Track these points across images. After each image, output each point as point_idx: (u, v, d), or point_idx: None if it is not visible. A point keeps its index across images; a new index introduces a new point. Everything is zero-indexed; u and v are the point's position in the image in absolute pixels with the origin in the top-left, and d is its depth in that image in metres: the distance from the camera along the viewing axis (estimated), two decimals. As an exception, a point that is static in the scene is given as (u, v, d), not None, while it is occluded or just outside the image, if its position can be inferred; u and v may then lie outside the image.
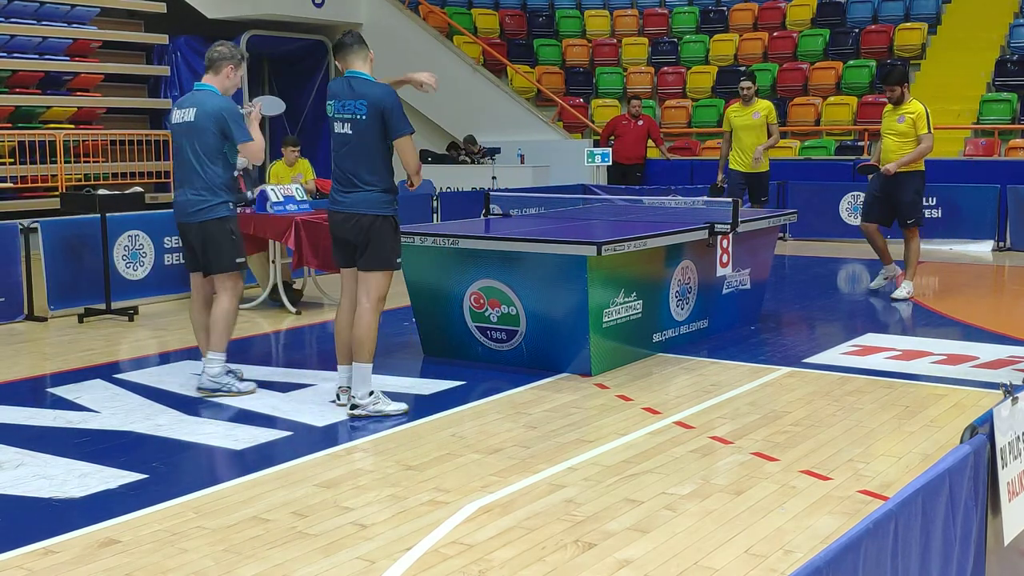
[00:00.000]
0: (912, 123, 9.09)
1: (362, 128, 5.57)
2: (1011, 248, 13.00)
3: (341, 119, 5.61)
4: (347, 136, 5.60)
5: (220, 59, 6.16)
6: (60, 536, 4.04)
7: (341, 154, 5.64)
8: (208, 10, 16.67)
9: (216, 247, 6.08)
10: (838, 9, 18.30)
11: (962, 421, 5.31)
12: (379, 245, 5.63)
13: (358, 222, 5.60)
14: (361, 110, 5.55)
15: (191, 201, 6.07)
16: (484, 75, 17.77)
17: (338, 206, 5.67)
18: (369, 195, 5.59)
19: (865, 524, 2.12)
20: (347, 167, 5.63)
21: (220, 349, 6.12)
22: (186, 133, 6.09)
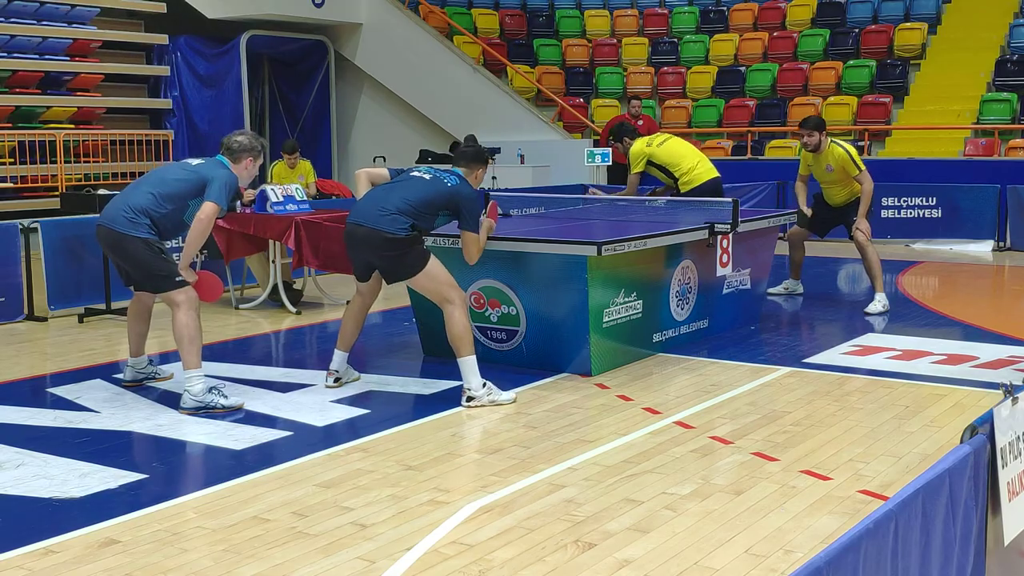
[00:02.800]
0: (842, 169, 8.76)
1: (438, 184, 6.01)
2: (1011, 248, 13.00)
3: (425, 171, 6.12)
4: (419, 178, 6.05)
5: (240, 150, 6.02)
6: (60, 536, 4.04)
7: (398, 180, 6.11)
8: (208, 10, 16.68)
9: (141, 265, 5.87)
10: (838, 9, 18.31)
11: (962, 421, 5.31)
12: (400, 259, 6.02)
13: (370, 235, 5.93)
14: (452, 179, 6.03)
15: (117, 210, 5.86)
16: (484, 75, 17.78)
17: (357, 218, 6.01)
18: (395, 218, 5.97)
19: (865, 524, 2.12)
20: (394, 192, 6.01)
21: (194, 366, 5.82)
22: (177, 168, 6.06)
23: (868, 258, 8.84)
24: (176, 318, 5.86)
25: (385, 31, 18.15)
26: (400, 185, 6.05)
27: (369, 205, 5.97)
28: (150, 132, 15.72)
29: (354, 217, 5.98)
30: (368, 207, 5.96)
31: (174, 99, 16.65)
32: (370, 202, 5.99)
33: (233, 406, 5.86)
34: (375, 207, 5.92)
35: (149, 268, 5.87)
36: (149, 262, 5.85)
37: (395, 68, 18.06)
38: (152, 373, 6.47)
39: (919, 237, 13.63)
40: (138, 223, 5.82)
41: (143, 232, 5.82)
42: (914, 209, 13.74)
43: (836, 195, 8.98)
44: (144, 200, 5.85)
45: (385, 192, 6.01)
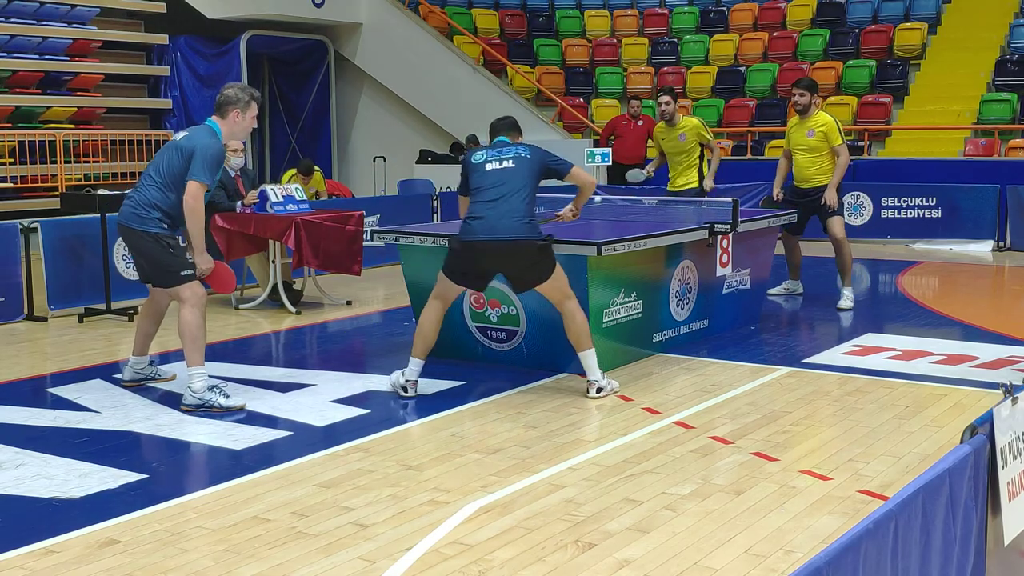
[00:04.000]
0: (823, 136, 8.72)
1: (525, 164, 6.08)
2: (1011, 248, 13.00)
3: (499, 158, 6.10)
4: (508, 170, 6.06)
5: (226, 103, 5.95)
6: (60, 536, 4.04)
7: (495, 188, 6.00)
8: (208, 10, 16.68)
9: (153, 260, 5.90)
10: (838, 9, 18.31)
11: (962, 421, 5.31)
12: (543, 262, 6.02)
13: (515, 247, 5.94)
14: (524, 151, 6.12)
15: (127, 206, 5.92)
16: (484, 75, 17.77)
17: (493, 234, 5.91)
18: (524, 223, 5.97)
19: (865, 524, 2.12)
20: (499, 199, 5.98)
21: (196, 363, 5.83)
22: (166, 149, 5.97)
23: (843, 254, 8.89)
24: (182, 315, 5.89)
25: (385, 31, 18.15)
26: (508, 188, 5.97)
27: (499, 217, 5.88)
28: (150, 132, 15.71)
29: (489, 234, 5.86)
30: (500, 220, 5.87)
31: (174, 99, 16.65)
32: (499, 215, 5.89)
33: (234, 406, 5.84)
34: (510, 218, 5.88)
35: (157, 263, 5.90)
36: (157, 257, 5.89)
37: (395, 68, 18.06)
38: (152, 374, 6.45)
39: (919, 237, 13.63)
40: (147, 217, 5.84)
41: (153, 227, 5.85)
42: (914, 209, 13.74)
43: (807, 168, 8.86)
44: (151, 193, 5.86)
45: (505, 200, 5.93)
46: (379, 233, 7.34)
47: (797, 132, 8.94)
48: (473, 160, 6.14)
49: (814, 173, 8.88)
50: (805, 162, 8.91)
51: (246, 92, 6.04)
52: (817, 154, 8.83)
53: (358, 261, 9.11)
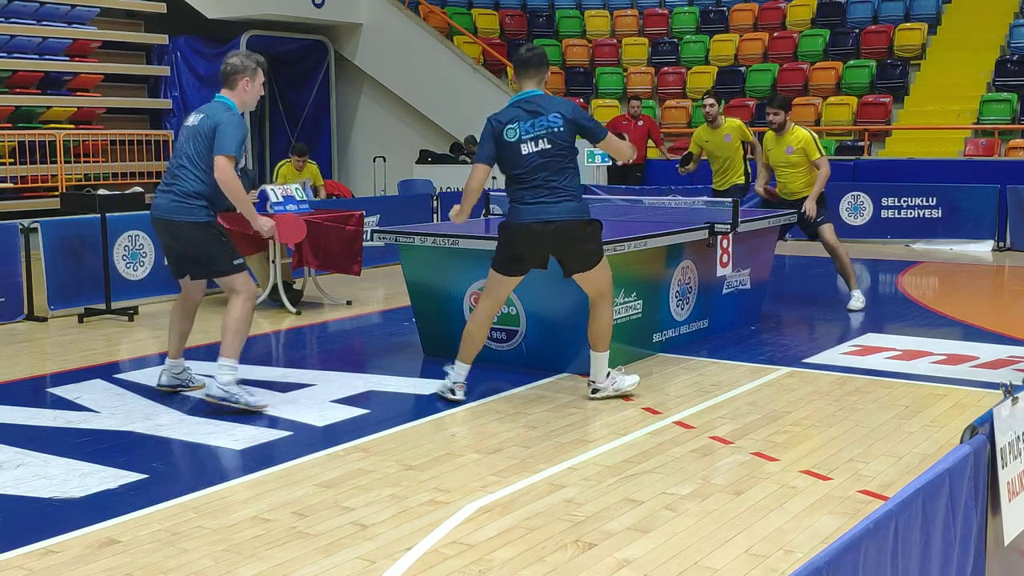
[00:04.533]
0: (803, 152, 8.80)
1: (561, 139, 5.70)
2: (1011, 248, 13.00)
3: (533, 137, 5.68)
4: (544, 151, 5.68)
5: (233, 73, 5.86)
6: (60, 536, 4.04)
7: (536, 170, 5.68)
8: (208, 10, 16.67)
9: (201, 250, 5.78)
10: (838, 9, 18.30)
11: (962, 421, 5.31)
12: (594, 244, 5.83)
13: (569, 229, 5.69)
14: (557, 122, 5.68)
15: (167, 199, 5.75)
16: (484, 75, 17.77)
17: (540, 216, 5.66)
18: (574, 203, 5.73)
19: (865, 524, 2.12)
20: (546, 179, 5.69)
21: (232, 356, 5.72)
22: (189, 137, 5.79)
23: (839, 259, 8.83)
24: (233, 306, 5.74)
25: (385, 31, 18.15)
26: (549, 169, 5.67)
27: (549, 200, 5.65)
28: (150, 132, 15.71)
29: (541, 215, 5.64)
30: (550, 203, 5.64)
31: (174, 99, 16.65)
32: (547, 198, 5.65)
33: (258, 406, 5.75)
34: (559, 199, 5.65)
35: (209, 253, 5.75)
36: (209, 247, 5.74)
37: (395, 68, 18.06)
38: (188, 380, 6.16)
39: (919, 237, 13.63)
40: (193, 207, 5.69)
41: (201, 216, 5.72)
42: (914, 209, 13.74)
43: (792, 182, 8.91)
44: (191, 184, 5.69)
45: (550, 182, 5.66)
46: (379, 233, 7.34)
47: (776, 150, 8.95)
48: (506, 136, 5.70)
49: (801, 186, 8.90)
50: (789, 178, 8.93)
51: (251, 59, 5.94)
52: (798, 168, 8.87)
53: (358, 261, 9.11)
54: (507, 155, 5.72)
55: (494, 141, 5.76)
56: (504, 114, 5.80)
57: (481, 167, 5.84)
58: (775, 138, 8.96)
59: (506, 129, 5.71)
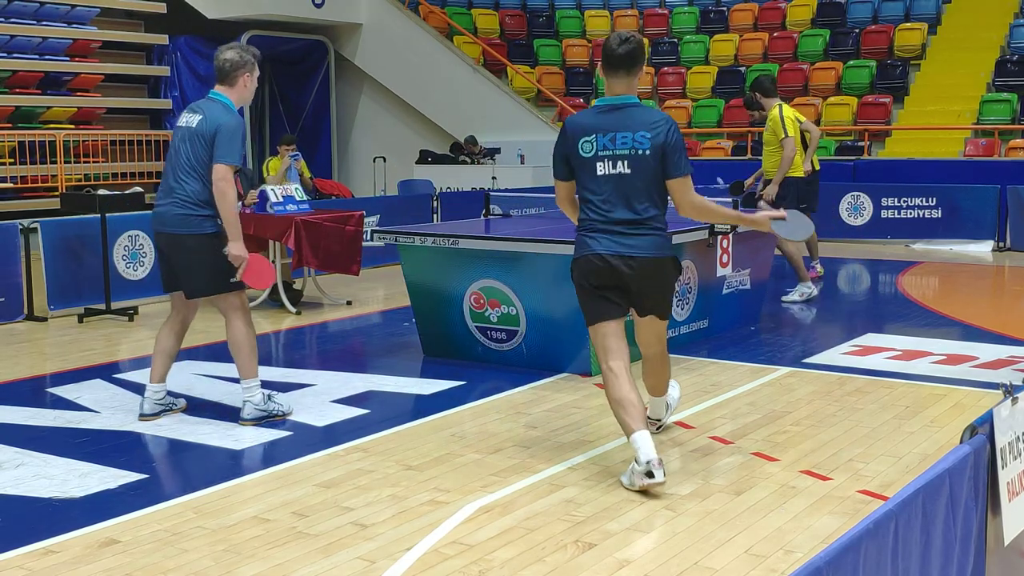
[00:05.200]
0: (772, 130, 9.14)
1: (645, 164, 4.62)
2: (1011, 248, 13.00)
3: (611, 156, 4.63)
4: (623, 176, 4.62)
5: (233, 69, 5.49)
6: (60, 536, 4.04)
7: (612, 195, 4.65)
8: (208, 10, 16.68)
9: (201, 266, 5.46)
10: (838, 9, 18.31)
11: (962, 421, 5.31)
12: (668, 290, 4.91)
13: (646, 267, 4.67)
14: (643, 144, 4.60)
15: (170, 211, 5.45)
16: (484, 75, 17.78)
17: (616, 249, 4.64)
18: (656, 239, 4.70)
19: (865, 524, 2.12)
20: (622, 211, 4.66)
21: (252, 375, 5.58)
22: (185, 139, 5.47)
23: (785, 252, 9.05)
24: (234, 326, 5.55)
25: (385, 31, 18.15)
26: (627, 195, 4.64)
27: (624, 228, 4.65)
28: (150, 132, 15.71)
29: (624, 249, 4.63)
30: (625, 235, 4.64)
31: (174, 99, 16.65)
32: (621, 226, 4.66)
33: (288, 412, 5.73)
34: (636, 229, 4.65)
35: (210, 268, 5.45)
36: (210, 262, 5.44)
37: (395, 68, 18.07)
38: (170, 404, 5.81)
39: (919, 237, 13.64)
40: (199, 216, 5.42)
41: (208, 227, 5.43)
42: (914, 209, 13.75)
43: (766, 160, 9.44)
44: (196, 190, 5.41)
45: (627, 197, 4.64)
46: (379, 233, 7.34)
47: None
48: (582, 152, 4.65)
49: (769, 165, 9.42)
50: (765, 155, 9.50)
51: (248, 52, 5.59)
52: (770, 147, 9.33)
53: (357, 261, 9.11)
54: (581, 172, 4.71)
55: (568, 154, 4.73)
56: (583, 119, 4.77)
57: (562, 185, 4.83)
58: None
59: (583, 140, 4.66)
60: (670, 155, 4.60)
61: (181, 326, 5.75)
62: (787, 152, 9.02)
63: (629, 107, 4.67)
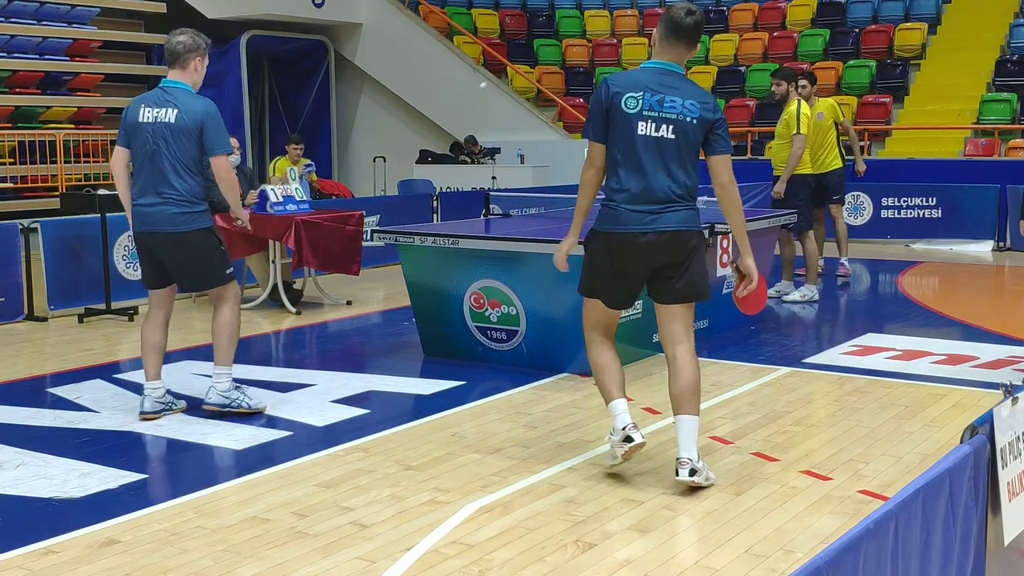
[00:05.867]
0: (786, 123, 9.11)
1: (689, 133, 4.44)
2: (1011, 248, 13.00)
3: (656, 118, 4.41)
4: (665, 140, 4.42)
5: (185, 51, 5.48)
6: (60, 536, 4.04)
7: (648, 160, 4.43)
8: (208, 10, 16.69)
9: (202, 262, 5.53)
10: (838, 9, 18.31)
11: (962, 421, 5.31)
12: (700, 267, 4.64)
13: (677, 241, 4.49)
14: (693, 112, 4.42)
15: (164, 210, 5.43)
16: (484, 75, 17.77)
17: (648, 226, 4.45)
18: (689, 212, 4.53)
19: (865, 524, 2.12)
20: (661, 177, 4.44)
21: (227, 363, 5.66)
22: (164, 136, 5.42)
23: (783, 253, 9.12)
24: (222, 312, 5.63)
25: (385, 31, 18.15)
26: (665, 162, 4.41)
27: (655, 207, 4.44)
28: (150, 132, 15.70)
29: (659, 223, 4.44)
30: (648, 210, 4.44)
31: (174, 99, 16.62)
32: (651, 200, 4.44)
33: (257, 408, 5.74)
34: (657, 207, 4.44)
35: (206, 262, 5.53)
36: (207, 255, 5.52)
37: (395, 68, 18.07)
38: (170, 404, 5.79)
39: (919, 237, 13.63)
40: (195, 212, 5.47)
41: (206, 221, 5.52)
42: (914, 209, 13.75)
43: (777, 153, 9.34)
44: (191, 186, 5.45)
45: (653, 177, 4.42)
46: (379, 233, 7.34)
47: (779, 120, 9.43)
48: (625, 106, 4.40)
49: (777, 160, 9.36)
50: (775, 148, 9.42)
51: (201, 37, 5.60)
52: (782, 140, 9.25)
53: (357, 261, 9.11)
54: (619, 127, 4.42)
55: (608, 108, 4.44)
56: (626, 78, 4.52)
57: (596, 147, 4.51)
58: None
59: (627, 96, 4.40)
60: (719, 130, 4.46)
61: (164, 319, 5.77)
62: (796, 149, 9.02)
63: (679, 75, 4.50)
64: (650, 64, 4.54)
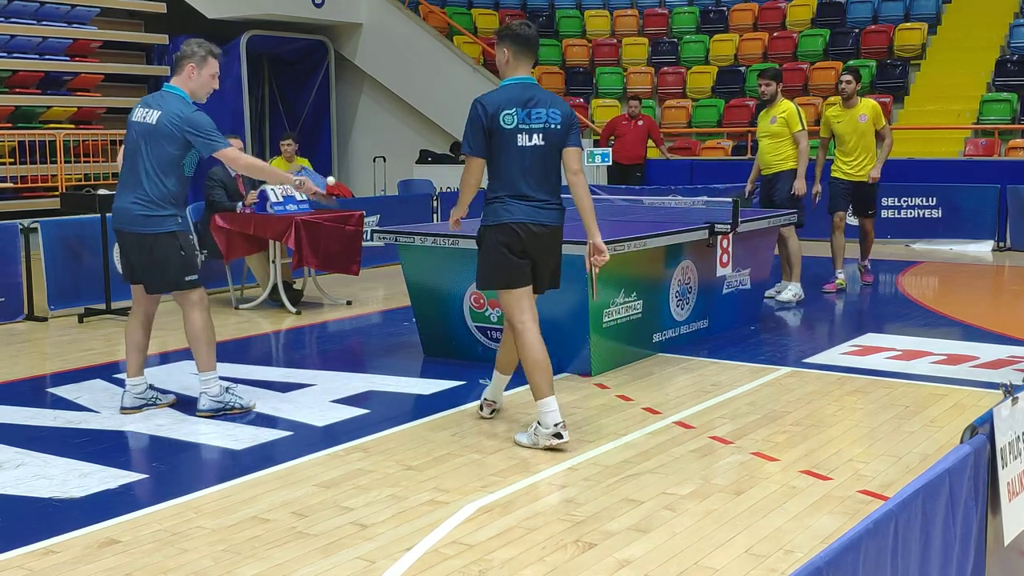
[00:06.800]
0: (784, 122, 9.15)
1: (554, 138, 5.11)
2: (1011, 248, 13.01)
3: (528, 129, 5.08)
4: (538, 147, 5.09)
5: (180, 57, 5.66)
6: (60, 536, 4.04)
7: (527, 165, 5.09)
8: (208, 10, 16.67)
9: (160, 265, 5.52)
10: (838, 9, 18.30)
11: (962, 421, 5.31)
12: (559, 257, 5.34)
13: (557, 236, 5.22)
14: (555, 118, 5.09)
15: (131, 210, 5.50)
16: (484, 75, 17.76)
17: (540, 218, 5.10)
18: (561, 210, 5.22)
19: (865, 524, 2.12)
20: (538, 179, 5.11)
21: (211, 368, 5.68)
22: (144, 136, 5.51)
23: (789, 249, 9.09)
24: (191, 319, 5.64)
25: (385, 31, 18.14)
26: (541, 167, 5.10)
27: (543, 201, 5.12)
28: (150, 132, 15.70)
29: (535, 219, 5.09)
30: (543, 206, 5.12)
31: (175, 100, 16.62)
32: (542, 199, 5.12)
33: (249, 405, 5.80)
34: (549, 201, 5.13)
35: (167, 266, 5.54)
36: (169, 260, 5.53)
37: (395, 68, 18.06)
38: (153, 398, 5.88)
39: (919, 237, 13.63)
40: (161, 216, 5.49)
41: (169, 225, 5.52)
42: (914, 209, 13.75)
43: (767, 153, 9.29)
44: (158, 188, 5.47)
45: (542, 181, 5.11)
46: (379, 233, 7.34)
47: (763, 120, 9.42)
48: (503, 123, 5.06)
49: (773, 159, 9.30)
50: (766, 148, 9.33)
51: (203, 47, 5.69)
52: (777, 140, 9.24)
53: (357, 261, 9.11)
54: (501, 143, 5.08)
55: (488, 127, 5.11)
56: (497, 96, 5.15)
57: (476, 161, 5.20)
58: (764, 112, 9.40)
59: (504, 113, 5.06)
60: (573, 129, 5.15)
61: (145, 318, 5.86)
62: (805, 145, 9.16)
63: (536, 86, 5.20)
64: (510, 81, 5.18)
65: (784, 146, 9.20)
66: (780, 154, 9.23)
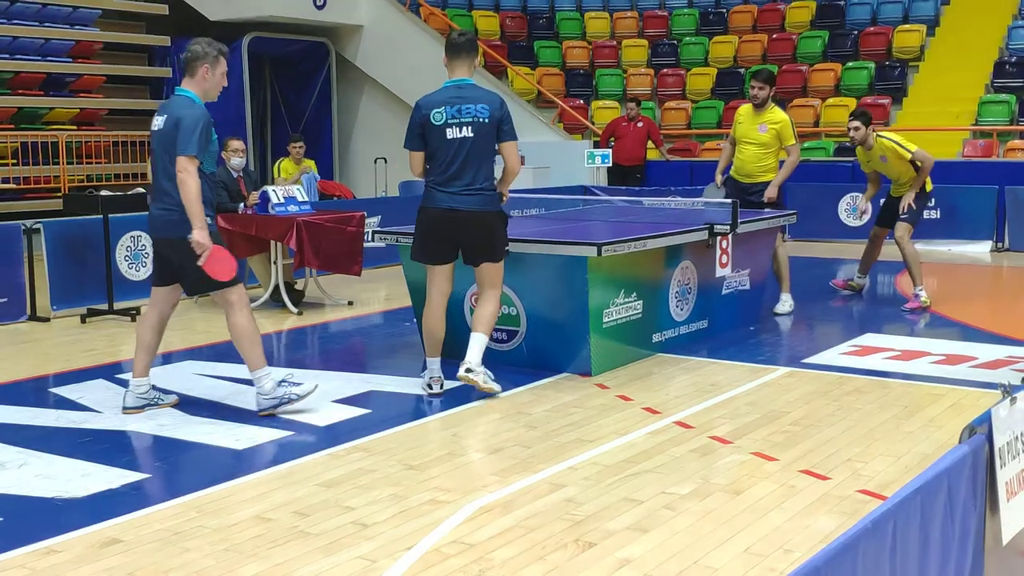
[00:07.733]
0: (776, 134, 8.47)
1: (483, 130, 5.92)
2: (1009, 249, 13.02)
3: (458, 123, 5.89)
4: (466, 139, 5.91)
5: (193, 59, 5.65)
6: (62, 535, 4.05)
7: (457, 155, 5.92)
8: (210, 12, 16.70)
9: (196, 266, 5.47)
10: (837, 11, 18.32)
11: (961, 421, 5.33)
12: (500, 238, 6.09)
13: (482, 219, 5.96)
14: (484, 113, 5.90)
15: (161, 216, 5.56)
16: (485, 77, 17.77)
17: (454, 203, 5.95)
18: (490, 195, 6.01)
19: (864, 524, 2.13)
20: (468, 167, 5.93)
21: (260, 364, 5.66)
22: (159, 142, 5.55)
23: (775, 260, 8.70)
24: (233, 321, 5.64)
25: (386, 33, 18.15)
26: (467, 158, 5.93)
27: (461, 188, 5.94)
28: (151, 133, 15.71)
29: (453, 204, 5.94)
30: (462, 192, 5.94)
31: (176, 101, 16.63)
32: (461, 186, 5.94)
33: (309, 391, 5.78)
34: (471, 189, 5.93)
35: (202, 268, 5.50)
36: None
37: (396, 70, 18.07)
38: (155, 399, 5.88)
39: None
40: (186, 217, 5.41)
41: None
42: (913, 210, 13.72)
43: (750, 162, 8.60)
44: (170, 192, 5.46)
45: (466, 171, 5.93)
46: (380, 234, 7.36)
47: (748, 124, 8.61)
48: (433, 120, 5.90)
49: (756, 169, 8.64)
50: (750, 156, 8.61)
51: (213, 47, 5.72)
52: (766, 150, 8.58)
53: (358, 262, 9.13)
54: (431, 137, 5.91)
55: (421, 125, 5.92)
56: (432, 97, 5.99)
57: (414, 155, 6.05)
58: (750, 113, 8.64)
59: (434, 111, 5.90)
60: (505, 125, 5.96)
61: (159, 320, 5.85)
62: (795, 158, 8.64)
63: (470, 86, 5.99)
64: (447, 83, 6.02)
65: (770, 157, 8.64)
66: (764, 165, 8.63)
